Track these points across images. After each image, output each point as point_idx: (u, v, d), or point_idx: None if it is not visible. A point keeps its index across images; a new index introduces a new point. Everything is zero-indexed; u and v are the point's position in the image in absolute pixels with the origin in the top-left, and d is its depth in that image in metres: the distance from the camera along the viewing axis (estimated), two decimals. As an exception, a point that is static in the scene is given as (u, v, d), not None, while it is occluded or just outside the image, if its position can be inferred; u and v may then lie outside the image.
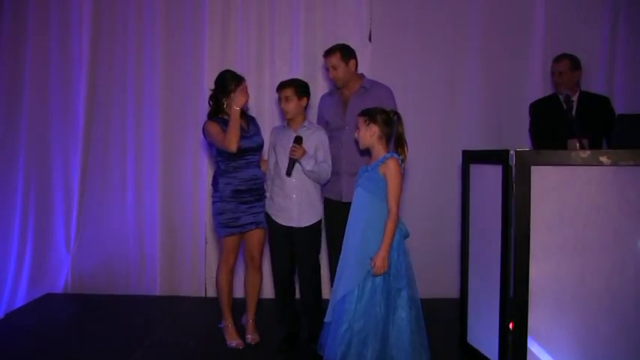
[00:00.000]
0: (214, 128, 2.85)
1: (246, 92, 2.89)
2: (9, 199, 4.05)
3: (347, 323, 2.36)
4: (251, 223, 2.92)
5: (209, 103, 2.96)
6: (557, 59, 3.38)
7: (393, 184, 2.41)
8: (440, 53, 3.93)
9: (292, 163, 2.85)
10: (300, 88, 2.93)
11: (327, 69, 3.05)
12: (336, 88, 3.08)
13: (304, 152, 2.84)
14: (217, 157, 2.93)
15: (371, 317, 2.34)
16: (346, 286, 2.41)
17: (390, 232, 2.38)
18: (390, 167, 2.41)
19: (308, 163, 2.85)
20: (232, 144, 2.77)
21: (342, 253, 2.53)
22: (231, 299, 3.02)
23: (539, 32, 3.89)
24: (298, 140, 2.85)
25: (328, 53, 3.00)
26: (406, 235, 2.49)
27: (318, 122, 3.17)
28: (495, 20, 3.92)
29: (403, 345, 2.33)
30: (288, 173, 2.86)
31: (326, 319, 2.52)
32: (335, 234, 2.85)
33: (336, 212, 2.88)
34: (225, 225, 2.88)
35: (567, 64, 3.33)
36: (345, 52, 2.97)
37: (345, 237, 2.54)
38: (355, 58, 3.03)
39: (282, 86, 2.94)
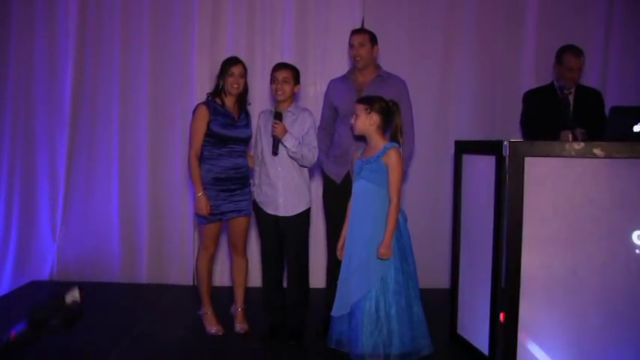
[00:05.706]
0: (197, 120, 2.79)
1: (237, 78, 2.82)
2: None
3: (376, 315, 2.38)
4: (232, 211, 2.87)
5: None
6: (578, 55, 3.14)
7: (395, 173, 2.43)
8: (433, 42, 3.89)
9: (276, 141, 2.80)
10: (297, 74, 2.91)
11: (351, 46, 2.98)
12: (351, 73, 3.04)
13: (285, 129, 2.78)
14: (203, 142, 2.84)
15: (399, 305, 2.39)
16: (367, 282, 2.41)
17: (392, 220, 2.42)
18: (392, 157, 2.44)
19: (291, 145, 2.78)
20: (191, 156, 2.80)
21: (349, 246, 2.52)
22: (210, 286, 3.01)
23: (533, 22, 3.85)
24: (278, 117, 2.80)
25: (358, 31, 3.03)
26: (405, 219, 2.56)
27: (326, 107, 3.12)
28: (489, 10, 3.88)
29: (420, 324, 2.46)
30: (274, 152, 2.82)
31: (333, 313, 2.52)
32: (335, 214, 2.86)
33: (337, 192, 2.91)
34: None
35: (583, 61, 3.17)
36: (373, 37, 3.00)
37: (350, 229, 2.54)
38: (378, 46, 3.02)
39: (280, 67, 2.87)
